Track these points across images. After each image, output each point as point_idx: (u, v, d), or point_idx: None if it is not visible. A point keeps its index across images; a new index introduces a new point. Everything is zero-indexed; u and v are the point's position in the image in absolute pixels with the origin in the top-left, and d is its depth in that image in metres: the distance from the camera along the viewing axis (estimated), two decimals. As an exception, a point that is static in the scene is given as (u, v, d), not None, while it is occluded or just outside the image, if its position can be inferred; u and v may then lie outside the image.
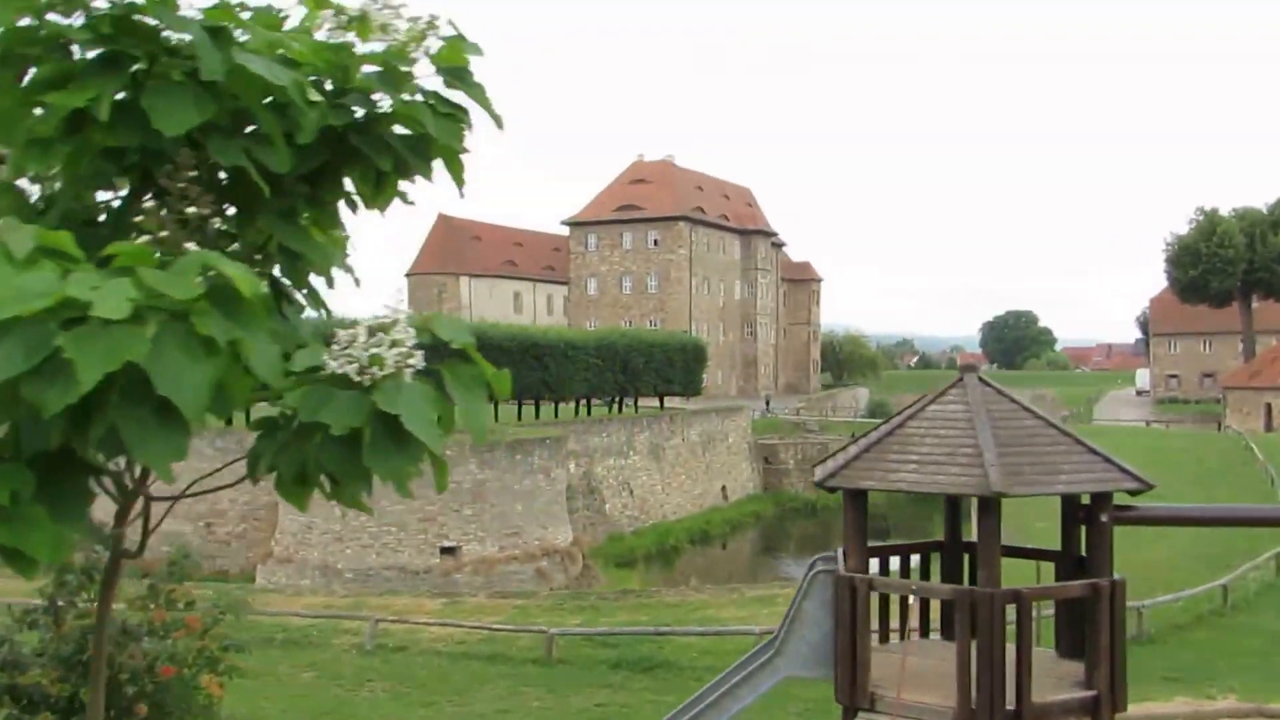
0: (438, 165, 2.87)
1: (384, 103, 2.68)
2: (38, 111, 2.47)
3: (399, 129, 2.75)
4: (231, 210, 2.72)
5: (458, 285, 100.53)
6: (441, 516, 32.68)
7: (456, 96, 2.80)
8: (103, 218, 2.74)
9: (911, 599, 7.91)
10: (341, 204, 2.94)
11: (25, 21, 2.42)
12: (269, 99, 2.51)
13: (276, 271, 2.88)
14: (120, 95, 2.43)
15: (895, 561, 9.42)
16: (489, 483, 33.42)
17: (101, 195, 2.75)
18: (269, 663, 17.16)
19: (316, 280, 3.03)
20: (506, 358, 43.14)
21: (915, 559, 9.42)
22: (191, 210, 2.45)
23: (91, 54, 2.45)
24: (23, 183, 2.69)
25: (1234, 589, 20.44)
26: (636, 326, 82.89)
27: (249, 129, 2.60)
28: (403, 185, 2.93)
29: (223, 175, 2.67)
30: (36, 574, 2.30)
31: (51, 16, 2.42)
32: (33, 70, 2.48)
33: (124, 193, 2.73)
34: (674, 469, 52.36)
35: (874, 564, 8.82)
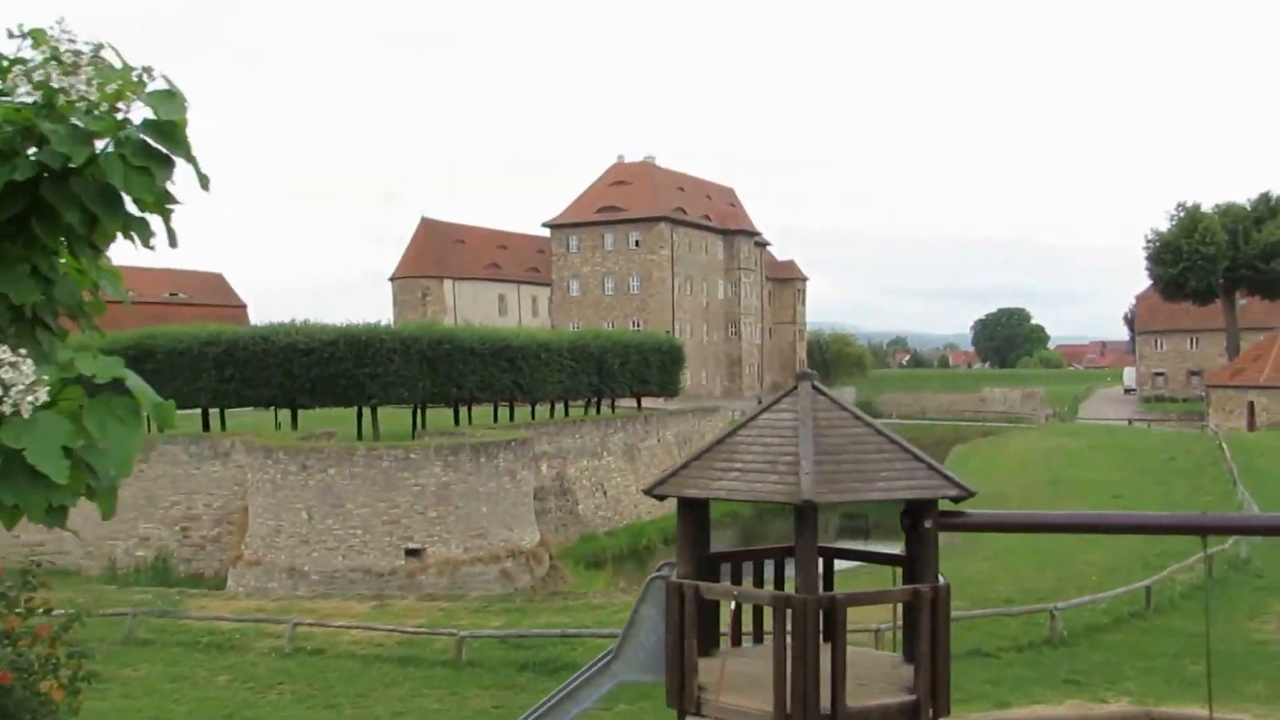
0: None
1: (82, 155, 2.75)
2: None
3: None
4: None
5: (441, 288, 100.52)
6: (406, 519, 32.59)
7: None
8: None
9: (730, 605, 7.77)
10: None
11: None
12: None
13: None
14: None
15: (771, 567, 9.31)
16: (454, 485, 33.31)
17: None
18: (189, 666, 17.12)
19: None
20: (478, 360, 43.13)
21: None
22: None
23: None
24: None
25: (1158, 591, 20.34)
26: (619, 328, 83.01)
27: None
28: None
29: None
30: None
31: None
32: None
33: None
34: (649, 469, 52.23)
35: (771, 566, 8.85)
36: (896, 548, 8.96)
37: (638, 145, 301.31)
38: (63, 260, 3.08)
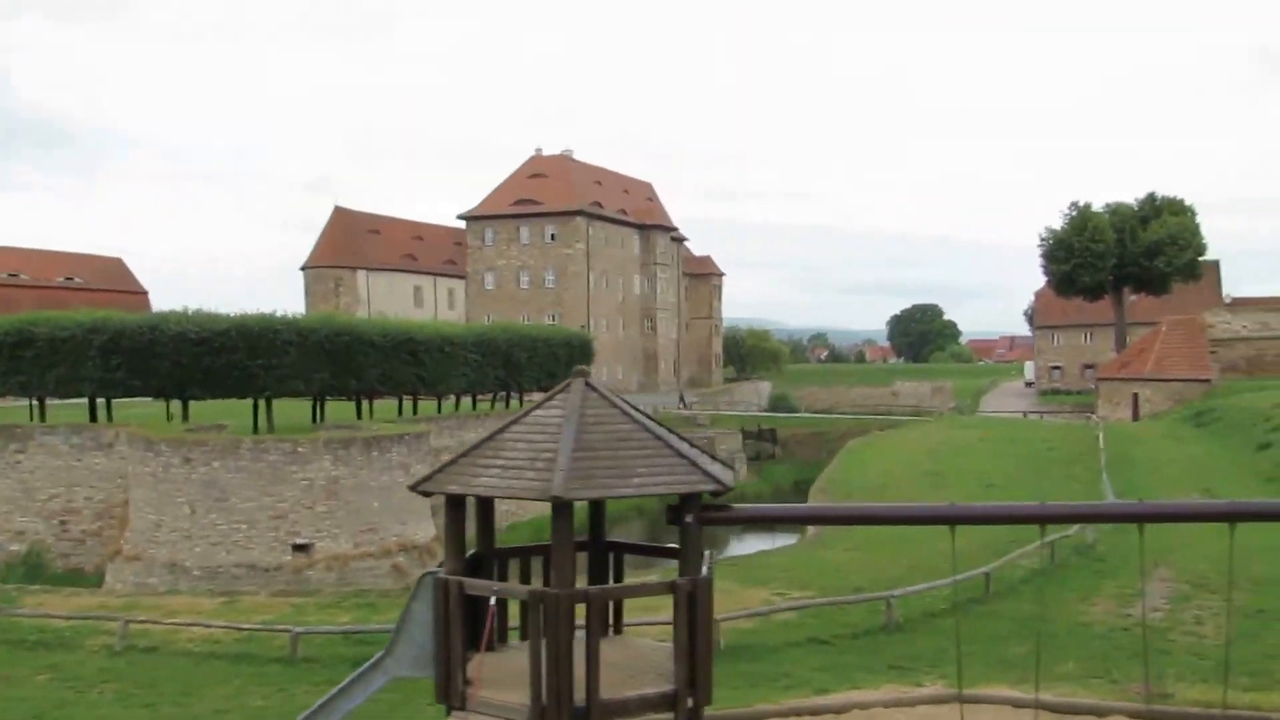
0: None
1: None
2: None
3: None
4: None
5: (354, 279, 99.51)
6: (294, 514, 32.27)
7: None
8: None
9: (491, 600, 7.82)
10: None
11: None
12: None
13: None
14: None
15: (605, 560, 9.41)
16: (343, 479, 33.07)
17: None
18: (10, 665, 16.77)
19: None
20: (379, 352, 42.80)
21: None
22: None
23: None
24: None
25: (998, 577, 20.81)
26: (534, 321, 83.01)
27: None
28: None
29: None
30: None
31: None
32: None
33: None
34: (554, 463, 52.42)
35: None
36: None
37: (559, 138, 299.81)
38: None
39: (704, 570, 7.46)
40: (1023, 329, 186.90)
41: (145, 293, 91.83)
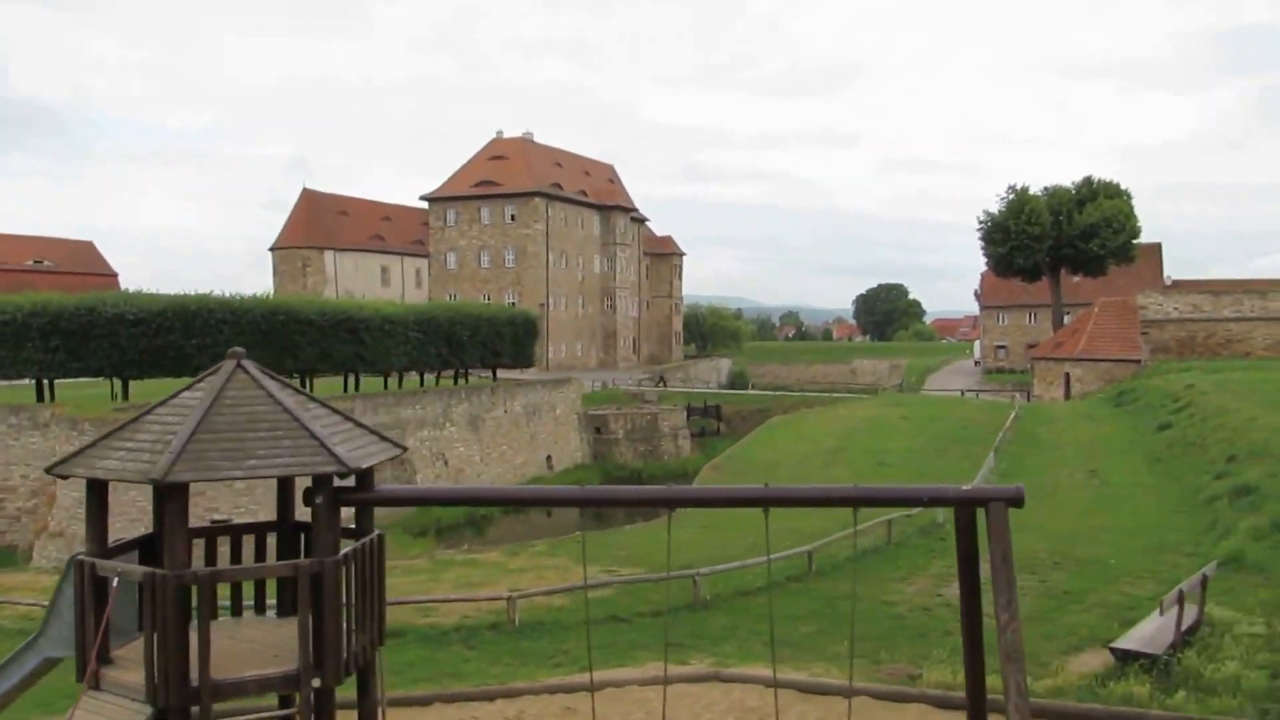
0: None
1: None
2: None
3: None
4: None
5: (322, 259, 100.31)
6: (212, 490, 33.34)
7: None
8: None
9: (114, 581, 7.50)
10: None
11: None
12: None
13: None
14: None
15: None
16: (261, 457, 34.20)
17: None
18: None
19: None
20: (315, 331, 43.87)
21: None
22: None
23: None
24: None
25: (820, 555, 20.98)
26: (494, 300, 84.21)
27: None
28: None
29: None
30: None
31: None
32: None
33: None
34: (494, 439, 53.63)
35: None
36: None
37: (521, 120, 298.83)
38: None
39: (344, 551, 7.51)
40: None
41: (115, 275, 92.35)
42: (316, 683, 7.38)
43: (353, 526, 8.31)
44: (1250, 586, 17.51)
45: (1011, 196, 77.30)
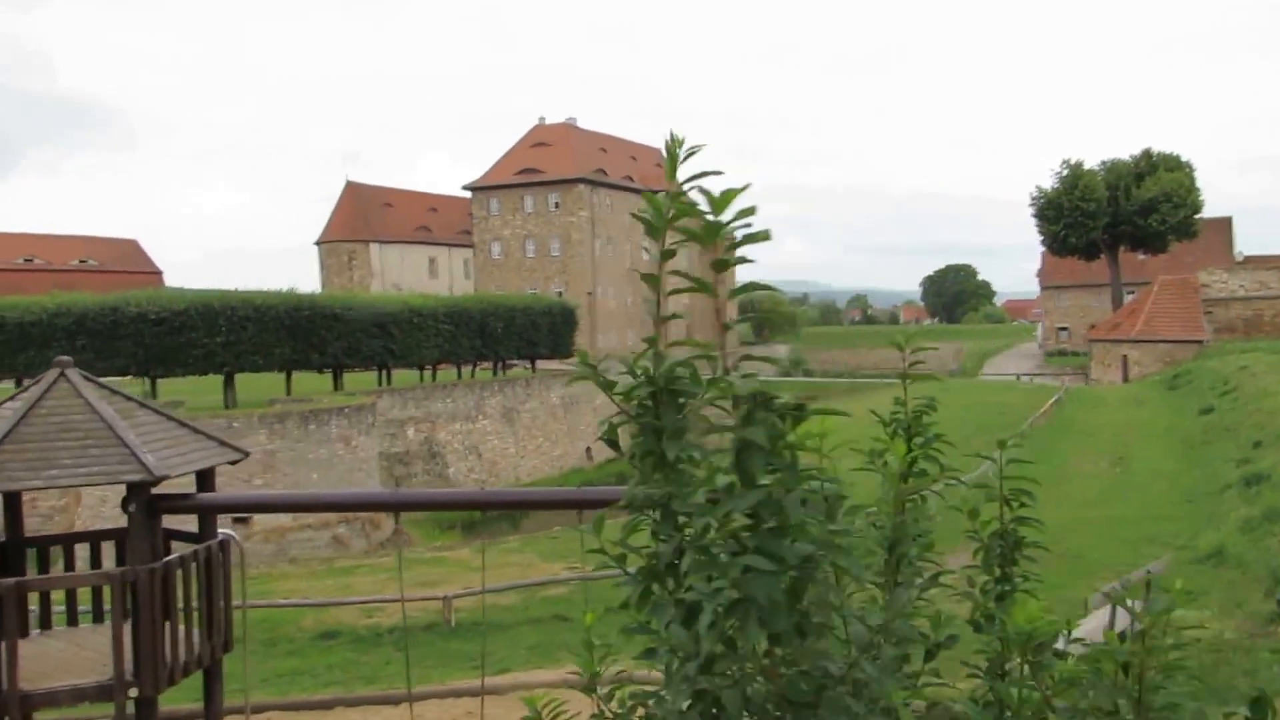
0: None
1: None
2: None
3: None
4: None
5: (368, 252, 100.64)
6: (230, 488, 33.03)
7: None
8: None
9: None
10: None
11: None
12: None
13: None
14: None
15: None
16: (280, 453, 33.98)
17: None
18: None
19: None
20: (342, 326, 43.59)
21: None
22: None
23: None
24: None
25: None
26: (540, 290, 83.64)
27: None
28: None
29: None
30: None
31: None
32: None
33: None
34: (530, 432, 53.02)
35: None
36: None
37: (573, 105, 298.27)
38: None
39: (170, 558, 7.41)
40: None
41: (159, 272, 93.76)
42: (134, 693, 7.32)
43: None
44: (1222, 584, 16.18)
45: (1065, 172, 74.59)
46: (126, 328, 38.46)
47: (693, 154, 1.97)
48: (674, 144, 1.96)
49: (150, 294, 40.93)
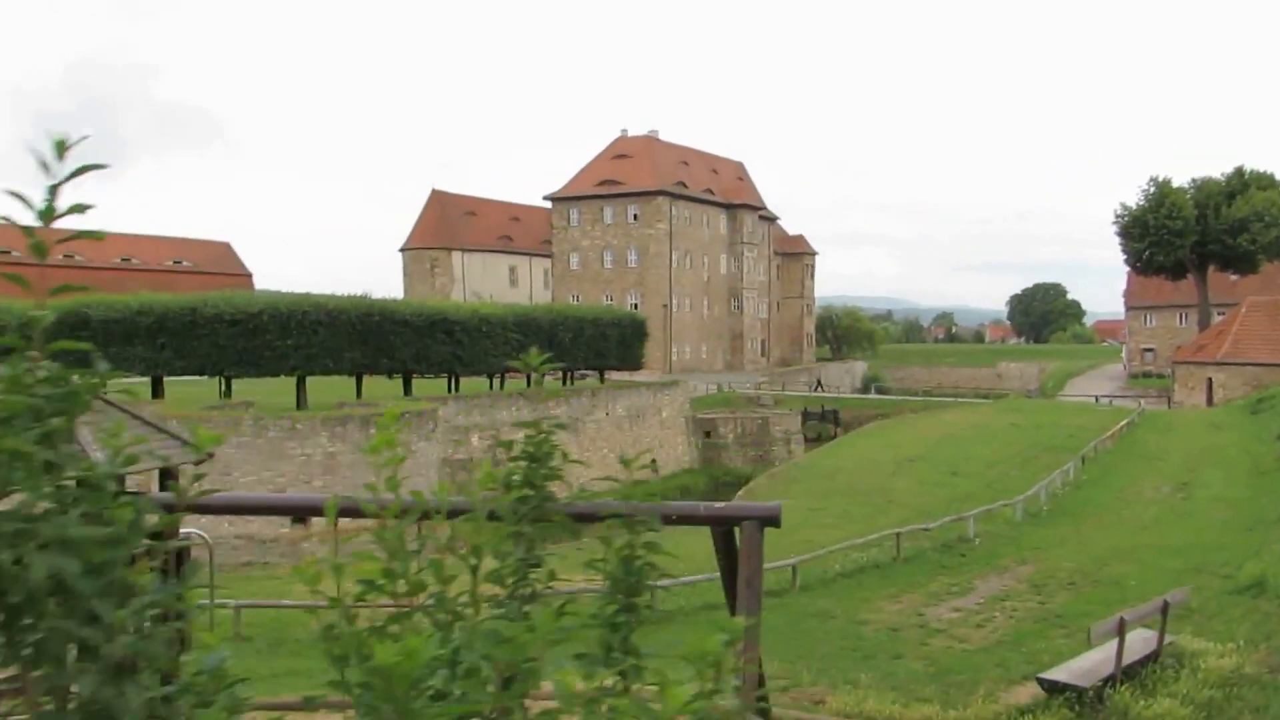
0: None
1: None
2: None
3: None
4: None
5: (449, 260, 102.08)
6: (292, 488, 33.92)
7: None
8: None
9: None
10: None
11: None
12: None
13: None
14: None
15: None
16: (340, 455, 34.63)
17: None
18: None
19: None
20: (411, 332, 44.34)
21: None
22: None
23: None
24: None
25: (803, 570, 19.95)
26: (616, 301, 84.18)
27: None
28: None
29: None
30: None
31: None
32: None
33: None
34: (594, 442, 53.24)
35: None
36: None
37: (661, 119, 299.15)
38: None
39: None
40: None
41: (249, 275, 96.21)
42: None
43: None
44: (1256, 615, 15.61)
45: (1152, 189, 72.58)
46: (204, 328, 39.57)
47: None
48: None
49: (227, 295, 42.08)
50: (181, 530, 8.78)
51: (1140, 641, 13.13)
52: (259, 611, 18.31)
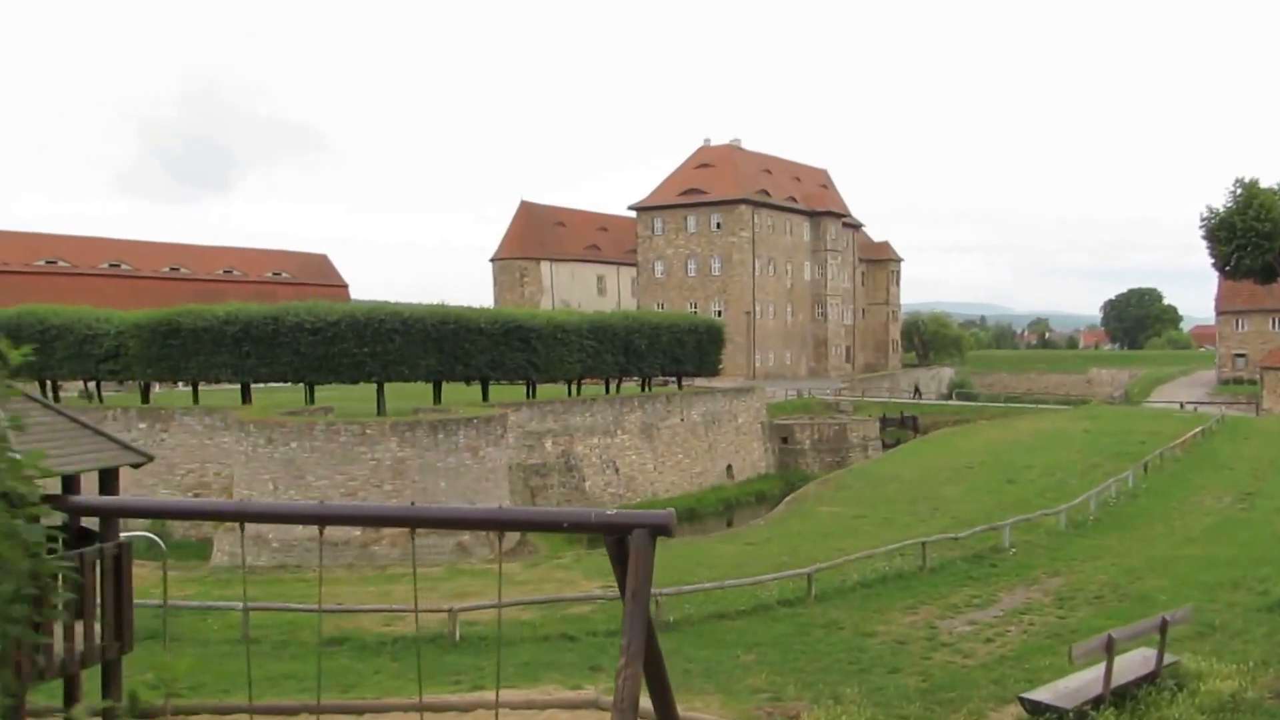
0: None
1: None
2: None
3: None
4: None
5: (538, 269, 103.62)
6: (362, 491, 35.04)
7: None
8: None
9: None
10: None
11: None
12: None
13: None
14: None
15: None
16: (409, 460, 35.67)
17: None
18: None
19: None
20: (486, 339, 45.40)
21: None
22: None
23: None
24: None
25: (820, 579, 19.85)
26: (701, 309, 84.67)
27: None
28: None
29: None
30: None
31: None
32: None
33: None
34: (669, 448, 53.72)
35: None
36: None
37: (746, 128, 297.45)
38: None
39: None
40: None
41: (345, 285, 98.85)
42: None
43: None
44: (1278, 635, 15.17)
45: (1239, 190, 70.13)
46: (286, 336, 41.16)
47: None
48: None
49: (309, 305, 43.64)
50: (123, 534, 8.95)
51: (1138, 661, 12.79)
52: (271, 615, 18.82)
